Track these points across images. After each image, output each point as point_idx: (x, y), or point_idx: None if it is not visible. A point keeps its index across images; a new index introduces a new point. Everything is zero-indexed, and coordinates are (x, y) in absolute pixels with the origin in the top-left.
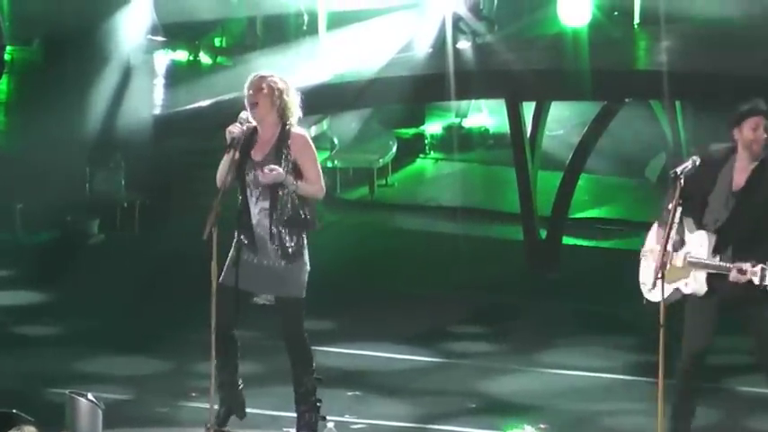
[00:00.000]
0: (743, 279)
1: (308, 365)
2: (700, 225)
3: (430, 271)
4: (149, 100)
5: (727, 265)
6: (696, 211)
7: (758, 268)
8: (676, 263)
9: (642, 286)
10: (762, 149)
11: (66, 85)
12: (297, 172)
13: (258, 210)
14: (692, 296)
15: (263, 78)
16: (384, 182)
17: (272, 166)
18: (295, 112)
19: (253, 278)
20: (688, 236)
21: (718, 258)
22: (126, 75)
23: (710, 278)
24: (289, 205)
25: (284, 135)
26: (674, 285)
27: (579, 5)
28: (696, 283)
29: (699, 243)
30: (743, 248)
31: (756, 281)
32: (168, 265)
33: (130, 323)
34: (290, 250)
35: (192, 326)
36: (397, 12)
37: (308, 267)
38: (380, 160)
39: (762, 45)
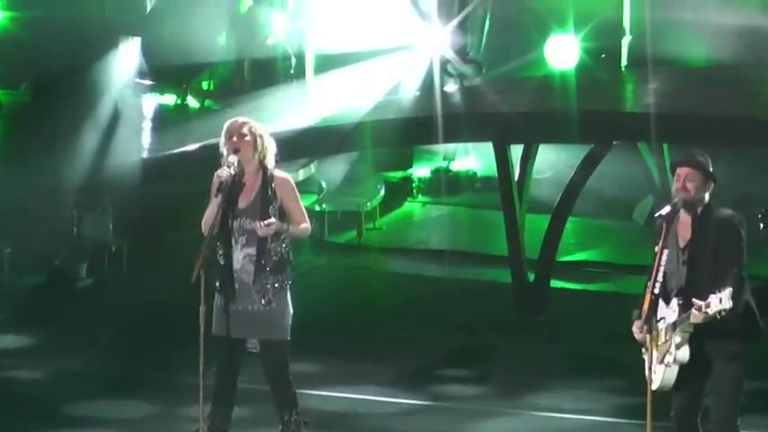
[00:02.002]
0: (703, 315)
1: (293, 408)
2: (667, 294)
3: (418, 313)
4: (137, 143)
5: (689, 313)
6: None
7: (711, 299)
8: (660, 339)
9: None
10: (689, 198)
11: (54, 129)
12: (282, 214)
13: (243, 255)
14: None
15: (244, 124)
16: (372, 225)
17: (270, 221)
18: (272, 157)
19: (237, 324)
20: (662, 309)
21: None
22: (114, 118)
23: (692, 343)
24: (275, 250)
25: (267, 180)
26: (666, 362)
27: (566, 48)
28: (678, 351)
29: (671, 310)
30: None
31: (711, 310)
32: (156, 309)
33: (119, 367)
34: (273, 294)
35: (181, 369)
36: (384, 55)
37: (292, 310)
38: (368, 203)
39: (747, 86)
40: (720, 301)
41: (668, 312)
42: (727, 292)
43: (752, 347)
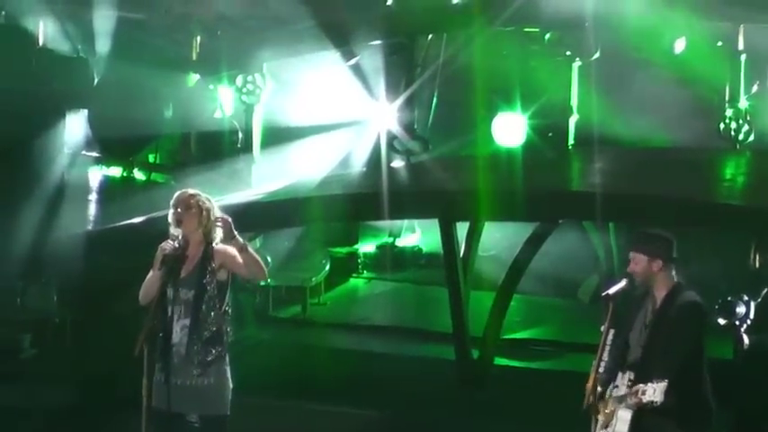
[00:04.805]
0: (637, 400)
1: None
2: (625, 364)
3: (361, 390)
4: (83, 216)
5: (630, 392)
6: (622, 351)
7: (647, 387)
8: (607, 407)
9: None
10: (638, 281)
11: None
12: (222, 289)
13: (180, 327)
14: None
15: (192, 196)
16: (317, 300)
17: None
18: (218, 232)
19: (177, 399)
20: (618, 377)
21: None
22: (60, 190)
23: (634, 418)
24: (211, 321)
25: (208, 254)
26: (607, 431)
27: (514, 126)
28: (618, 424)
29: (623, 383)
30: (651, 378)
31: (645, 399)
32: (99, 381)
33: None
34: (211, 368)
35: None
36: (331, 130)
37: (231, 384)
38: (313, 279)
39: (692, 167)
40: (654, 392)
41: (620, 383)
42: (662, 385)
43: None
